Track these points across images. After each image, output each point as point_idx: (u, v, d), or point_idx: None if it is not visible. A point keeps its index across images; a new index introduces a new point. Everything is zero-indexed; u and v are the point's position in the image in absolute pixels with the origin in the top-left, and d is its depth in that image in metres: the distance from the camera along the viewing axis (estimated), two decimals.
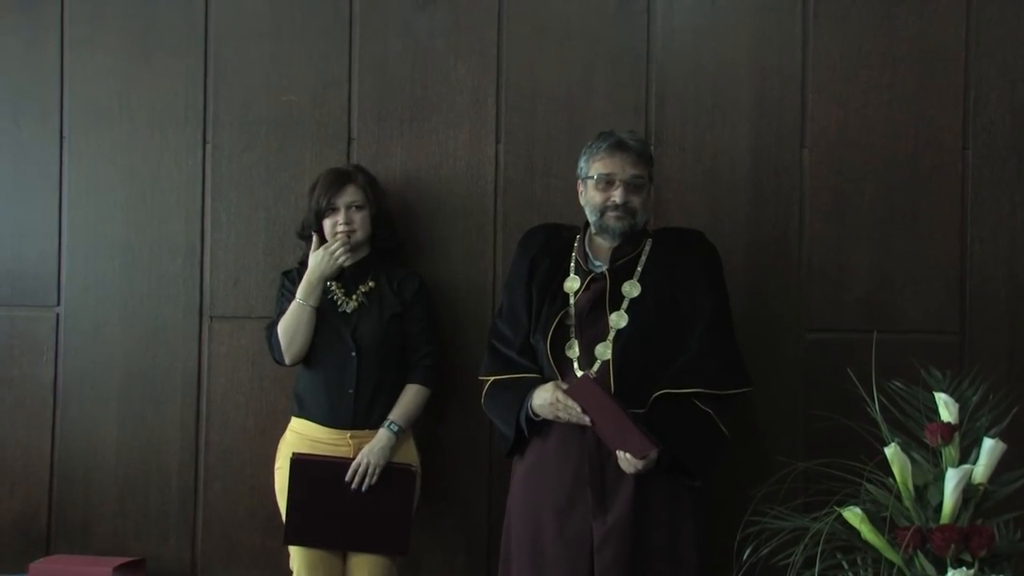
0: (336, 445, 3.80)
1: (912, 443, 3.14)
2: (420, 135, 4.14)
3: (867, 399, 3.17)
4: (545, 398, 3.45)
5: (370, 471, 3.73)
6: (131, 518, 4.25)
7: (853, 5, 4.00)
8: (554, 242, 3.67)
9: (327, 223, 3.87)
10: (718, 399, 3.44)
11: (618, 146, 3.56)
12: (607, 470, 3.44)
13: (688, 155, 4.04)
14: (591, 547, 3.43)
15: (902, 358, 3.59)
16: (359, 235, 3.87)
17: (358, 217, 3.87)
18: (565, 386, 3.45)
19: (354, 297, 3.87)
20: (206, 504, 4.21)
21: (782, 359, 3.96)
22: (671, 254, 3.59)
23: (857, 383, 3.20)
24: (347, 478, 3.73)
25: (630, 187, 3.54)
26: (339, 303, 3.87)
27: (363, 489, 3.73)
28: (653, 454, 3.36)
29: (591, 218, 3.60)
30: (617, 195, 3.53)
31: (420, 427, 3.93)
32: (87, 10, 4.31)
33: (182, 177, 4.26)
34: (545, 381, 3.51)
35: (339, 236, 3.85)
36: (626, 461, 3.39)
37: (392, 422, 3.79)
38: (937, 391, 3.14)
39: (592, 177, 3.57)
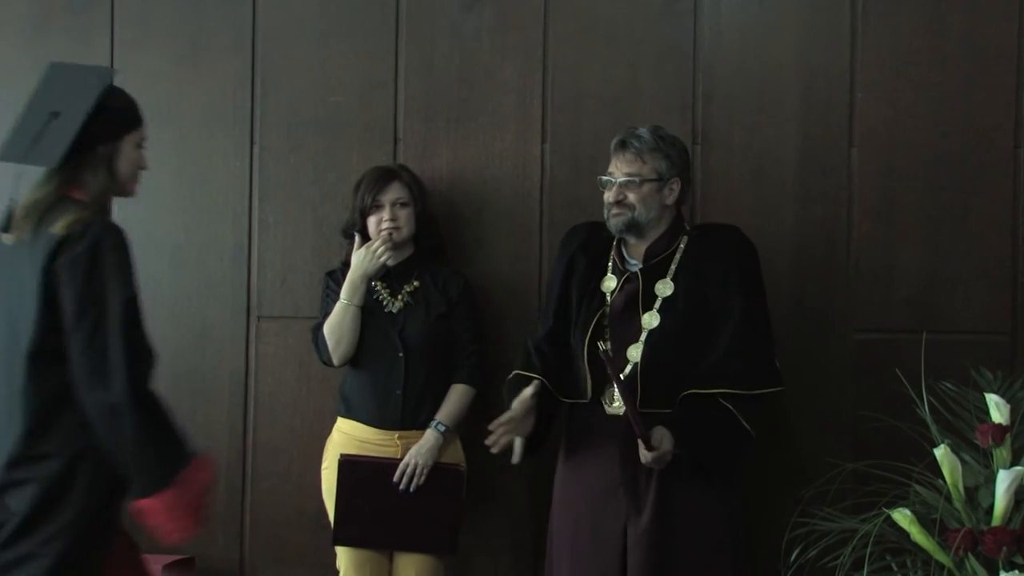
0: (383, 446, 3.81)
1: (962, 444, 3.13)
2: (466, 135, 4.15)
3: (916, 400, 3.16)
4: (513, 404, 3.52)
5: (418, 471, 3.75)
6: None
7: (902, 3, 3.97)
8: (594, 241, 3.67)
9: (371, 220, 3.88)
10: (744, 398, 3.40)
11: (619, 146, 3.59)
12: (640, 471, 3.43)
13: (735, 155, 4.02)
14: (624, 547, 3.44)
15: (952, 359, 3.56)
16: (404, 232, 3.87)
17: (403, 214, 3.87)
18: (529, 393, 3.49)
19: (399, 297, 3.88)
20: (254, 503, 4.24)
21: (830, 360, 3.94)
22: (705, 251, 3.57)
23: (906, 384, 3.19)
24: (395, 479, 3.74)
25: (622, 186, 3.54)
26: (385, 303, 3.88)
27: (411, 489, 3.74)
28: (667, 444, 3.32)
29: (604, 217, 3.62)
30: (611, 195, 3.55)
31: (465, 427, 3.93)
32: (136, 13, 4.35)
33: (230, 178, 4.29)
34: (576, 390, 3.52)
35: (383, 233, 3.85)
36: (644, 454, 3.36)
37: (439, 422, 3.80)
38: (988, 392, 3.14)
39: (601, 179, 3.62)
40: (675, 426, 3.37)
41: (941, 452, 3.03)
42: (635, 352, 3.49)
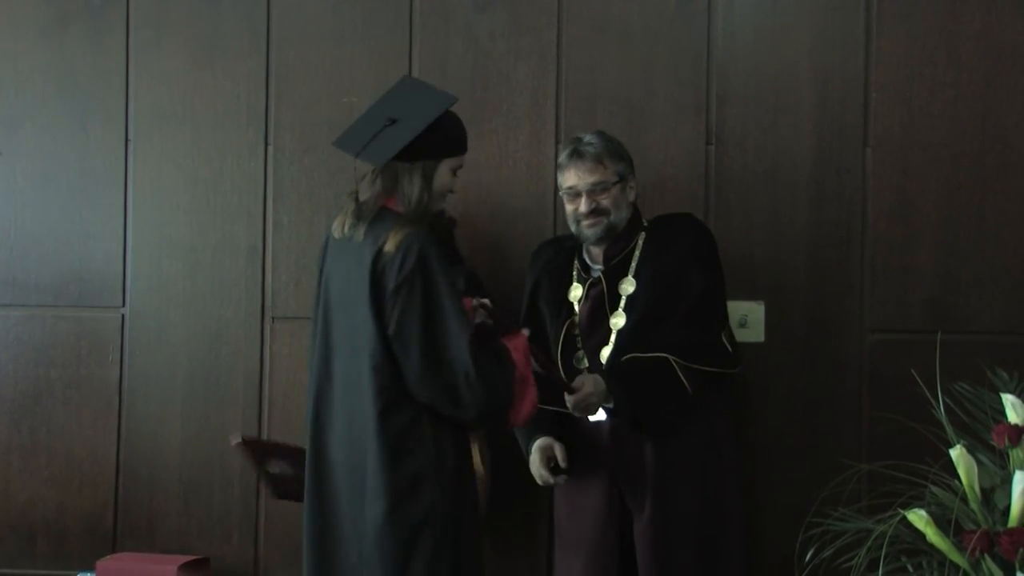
0: None
1: (978, 445, 3.12)
2: (480, 136, 4.12)
3: (932, 400, 3.16)
4: (532, 461, 3.55)
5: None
6: (195, 517, 4.29)
7: (917, 3, 3.98)
8: (558, 256, 3.70)
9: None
10: (684, 367, 3.40)
11: (574, 155, 3.57)
12: (633, 469, 3.47)
13: (749, 155, 4.03)
14: (631, 546, 3.48)
15: (968, 359, 3.55)
16: None
17: None
18: (556, 450, 3.51)
19: None
20: (268, 504, 4.24)
21: (845, 360, 3.94)
22: (662, 243, 3.58)
23: (922, 384, 3.18)
24: None
25: (592, 193, 3.53)
26: None
27: None
28: (588, 387, 3.36)
29: (572, 229, 3.61)
30: (582, 205, 3.53)
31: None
32: (152, 15, 4.36)
33: (244, 179, 4.30)
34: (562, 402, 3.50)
35: None
36: (568, 399, 3.43)
37: None
38: (1004, 393, 3.12)
39: (561, 190, 3.61)
40: (607, 372, 3.40)
41: (957, 453, 3.02)
42: (607, 354, 3.50)
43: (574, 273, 3.65)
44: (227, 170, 4.30)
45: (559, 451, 3.52)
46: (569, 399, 3.38)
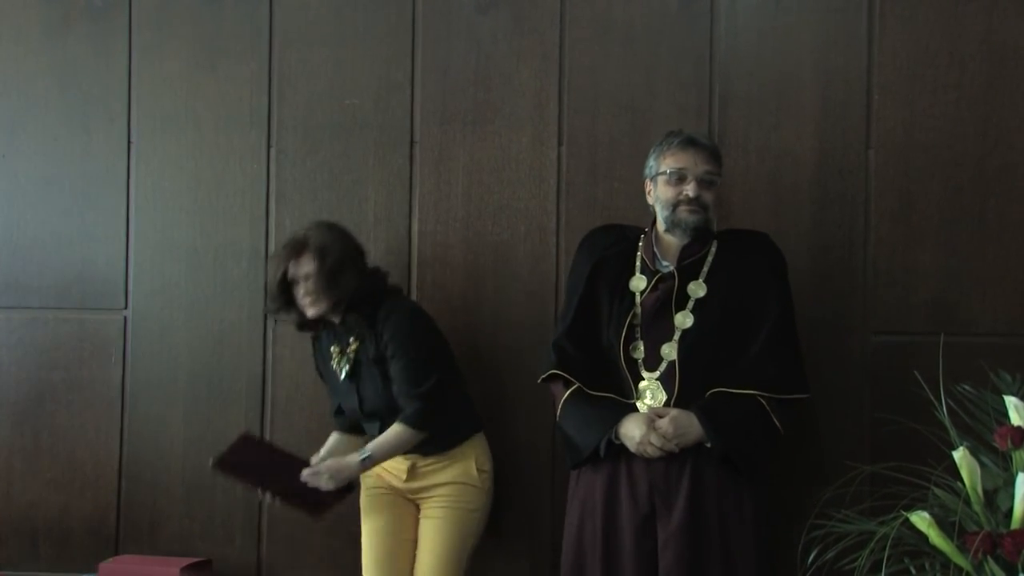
0: (391, 464, 3.79)
1: (981, 447, 3.12)
2: (483, 138, 4.16)
3: (934, 402, 3.16)
4: (635, 435, 3.43)
5: (320, 482, 3.66)
6: (197, 519, 4.29)
7: (920, 4, 3.97)
8: (620, 243, 3.67)
9: (297, 292, 3.77)
10: (773, 401, 3.44)
11: (690, 142, 3.57)
12: (671, 469, 3.44)
13: (752, 157, 4.03)
14: (655, 548, 3.44)
15: (970, 361, 3.54)
16: (323, 306, 3.75)
17: (315, 285, 3.72)
18: (658, 415, 3.43)
19: (344, 362, 3.81)
20: (271, 506, 4.23)
21: (848, 362, 3.94)
22: (738, 256, 3.59)
23: (924, 386, 3.18)
24: (302, 476, 3.68)
25: (703, 183, 3.54)
26: (340, 372, 3.82)
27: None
28: (669, 428, 3.38)
29: (662, 214, 3.58)
30: (690, 189, 3.53)
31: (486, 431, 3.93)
32: (154, 17, 4.37)
33: (247, 181, 4.30)
34: (617, 390, 3.51)
35: (309, 310, 3.77)
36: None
37: (366, 454, 3.69)
38: (1007, 394, 3.13)
39: (664, 173, 3.57)
40: (704, 414, 3.40)
41: (960, 455, 3.02)
42: (669, 350, 3.50)
43: (637, 264, 3.64)
44: (229, 172, 4.31)
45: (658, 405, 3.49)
46: (653, 435, 3.39)
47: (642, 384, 3.51)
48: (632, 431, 3.43)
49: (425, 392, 3.68)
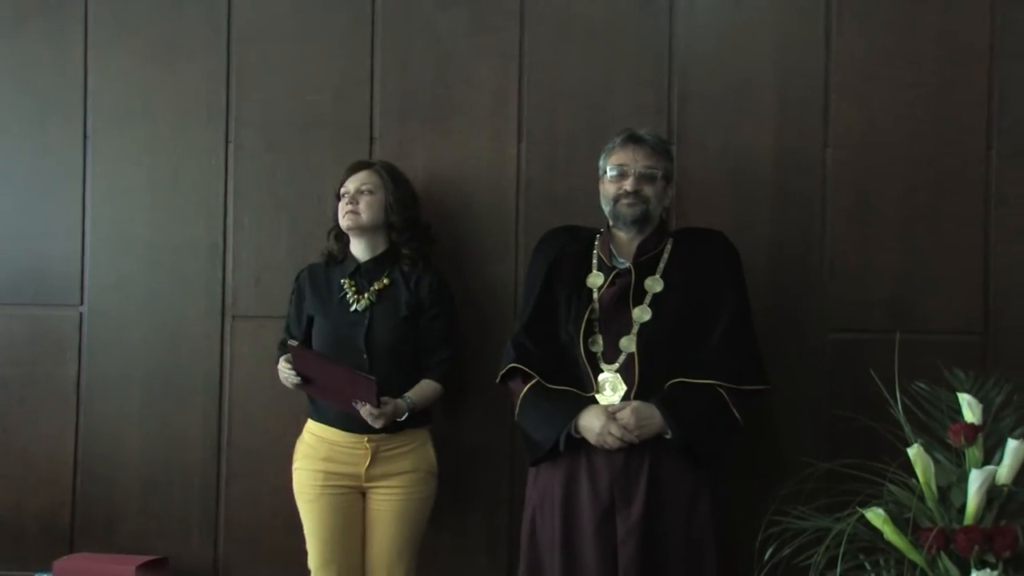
0: (353, 449, 3.79)
1: (935, 444, 3.15)
2: (442, 135, 4.16)
3: (890, 400, 3.18)
4: (594, 427, 3.45)
5: (375, 423, 3.67)
6: (154, 517, 4.27)
7: (877, 4, 4.00)
8: (575, 242, 3.71)
9: (340, 207, 3.87)
10: (733, 391, 3.48)
11: (631, 139, 3.63)
12: (629, 465, 3.46)
13: (710, 155, 4.04)
14: (615, 541, 3.45)
15: (925, 359, 3.57)
16: (363, 219, 3.85)
17: (365, 201, 3.85)
18: (615, 408, 3.46)
19: (366, 295, 3.86)
20: (228, 503, 4.23)
21: (805, 359, 3.96)
22: (693, 252, 3.64)
23: (880, 384, 3.21)
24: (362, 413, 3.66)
25: (642, 178, 3.59)
26: (351, 301, 3.85)
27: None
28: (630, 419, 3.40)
29: (606, 209, 3.65)
30: (628, 183, 3.59)
31: (439, 427, 3.94)
32: (111, 12, 4.35)
33: (205, 177, 4.29)
34: (576, 384, 3.53)
35: (343, 219, 3.84)
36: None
37: (410, 399, 3.75)
38: (960, 392, 3.16)
39: (608, 172, 3.63)
40: (666, 404, 3.43)
41: (914, 451, 3.05)
42: (627, 343, 3.53)
43: (594, 261, 3.67)
44: (187, 168, 4.29)
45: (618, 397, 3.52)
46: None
47: (601, 377, 3.54)
48: (591, 423, 3.45)
49: (455, 355, 3.90)
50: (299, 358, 3.71)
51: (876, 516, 2.99)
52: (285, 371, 3.74)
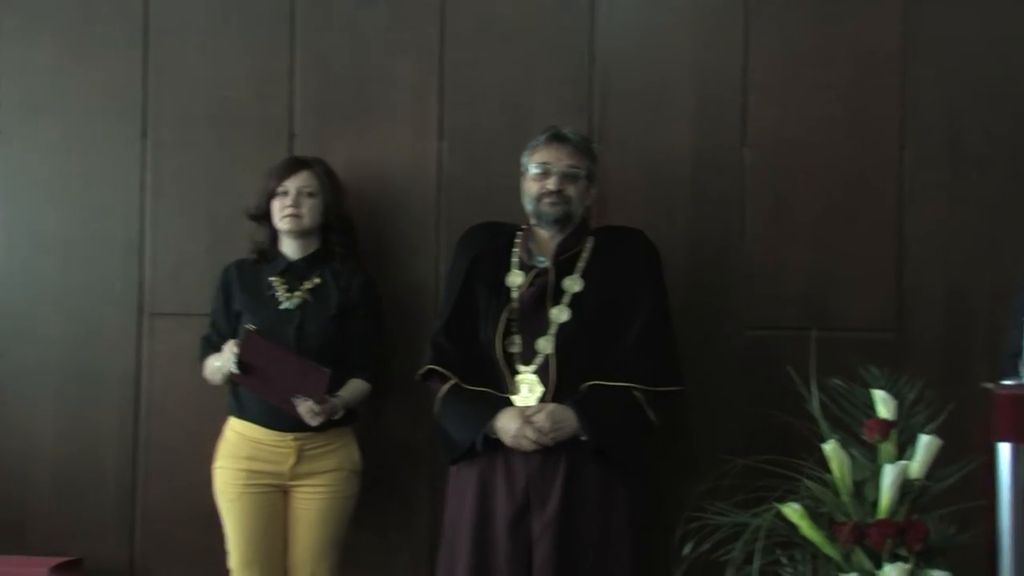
0: (278, 447, 3.78)
1: (850, 440, 3.18)
2: (362, 132, 4.15)
3: (806, 396, 3.22)
4: (510, 429, 3.47)
5: (311, 420, 3.67)
6: (68, 517, 4.21)
7: (792, 7, 4.05)
8: (496, 239, 3.72)
9: (275, 205, 3.86)
10: (648, 392, 3.51)
11: (555, 138, 3.66)
12: (546, 465, 3.48)
13: (630, 153, 4.07)
14: (529, 539, 3.48)
15: (841, 356, 3.58)
16: (305, 222, 3.85)
17: (307, 203, 3.85)
18: (532, 411, 3.48)
19: (297, 293, 3.85)
20: (145, 502, 4.19)
21: (723, 356, 4.00)
22: (613, 251, 3.66)
23: (797, 380, 3.24)
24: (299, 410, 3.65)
25: (565, 177, 3.61)
26: (281, 300, 3.84)
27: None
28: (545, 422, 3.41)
29: (528, 208, 3.67)
30: (551, 183, 3.61)
31: (361, 425, 3.93)
32: (21, 3, 4.28)
33: (120, 173, 4.24)
34: (494, 384, 3.55)
35: (284, 220, 3.83)
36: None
37: (340, 395, 3.76)
38: (875, 388, 3.20)
39: (531, 170, 3.64)
40: (580, 409, 3.46)
41: (830, 447, 3.09)
42: (545, 344, 3.55)
43: (514, 260, 3.67)
44: (102, 164, 4.25)
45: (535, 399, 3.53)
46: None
47: (518, 378, 3.56)
48: (507, 425, 3.47)
49: (384, 354, 3.92)
50: (251, 343, 3.65)
51: (792, 511, 3.03)
52: (228, 356, 3.68)
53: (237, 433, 3.83)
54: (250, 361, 3.66)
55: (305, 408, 3.63)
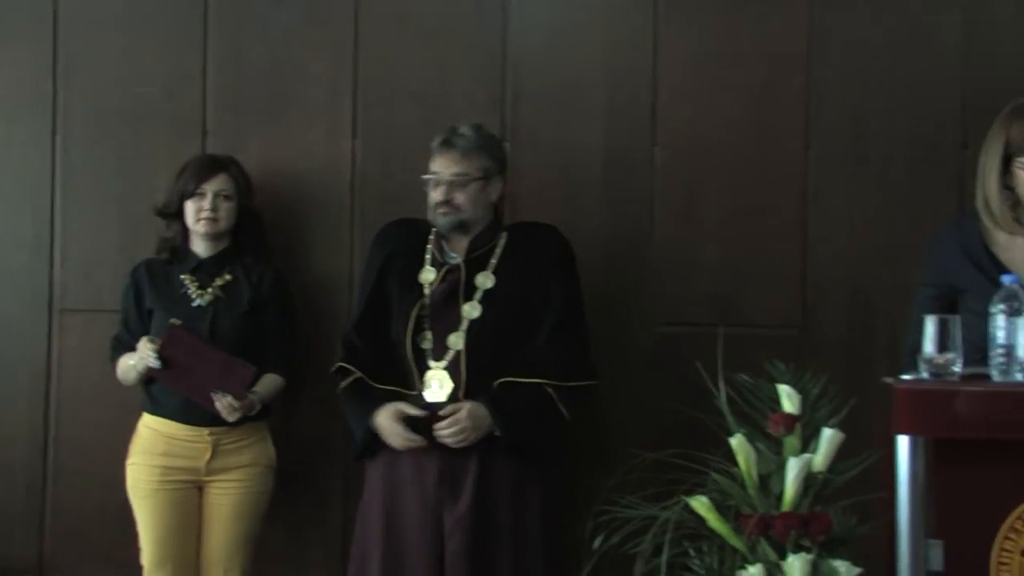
0: (193, 442, 3.79)
1: (756, 433, 3.20)
2: (276, 129, 4.15)
3: (714, 391, 3.25)
4: (384, 427, 3.52)
5: (228, 415, 3.70)
6: None
7: (701, 9, 4.09)
8: (410, 236, 3.73)
9: (190, 206, 3.85)
10: (560, 389, 3.55)
11: (442, 145, 3.66)
12: (457, 460, 3.52)
13: (543, 152, 4.10)
14: (441, 535, 3.51)
15: (748, 352, 3.60)
16: (221, 225, 3.86)
17: (224, 207, 3.85)
18: (412, 411, 3.51)
19: (209, 290, 3.85)
20: (55, 499, 4.16)
21: (634, 352, 4.04)
22: (525, 247, 3.68)
23: (705, 375, 3.26)
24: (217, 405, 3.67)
25: (452, 186, 3.62)
26: (193, 297, 3.84)
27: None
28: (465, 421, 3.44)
29: (429, 216, 3.69)
30: (438, 193, 3.62)
31: (276, 421, 3.93)
32: None
33: (30, 169, 4.21)
34: (403, 381, 3.58)
35: (200, 222, 3.83)
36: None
37: (256, 391, 3.76)
38: (780, 383, 3.20)
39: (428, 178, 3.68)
40: (493, 405, 3.49)
41: (736, 441, 3.10)
42: (456, 340, 3.58)
43: (427, 257, 3.69)
44: (11, 160, 4.21)
45: (409, 408, 3.54)
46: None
47: (429, 374, 3.58)
48: (382, 423, 3.52)
49: (296, 349, 3.94)
50: (175, 338, 3.66)
51: (700, 504, 3.04)
52: (146, 351, 3.68)
53: (151, 429, 3.83)
54: (171, 356, 3.66)
55: (224, 404, 3.64)
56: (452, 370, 3.57)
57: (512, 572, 3.53)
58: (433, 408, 3.53)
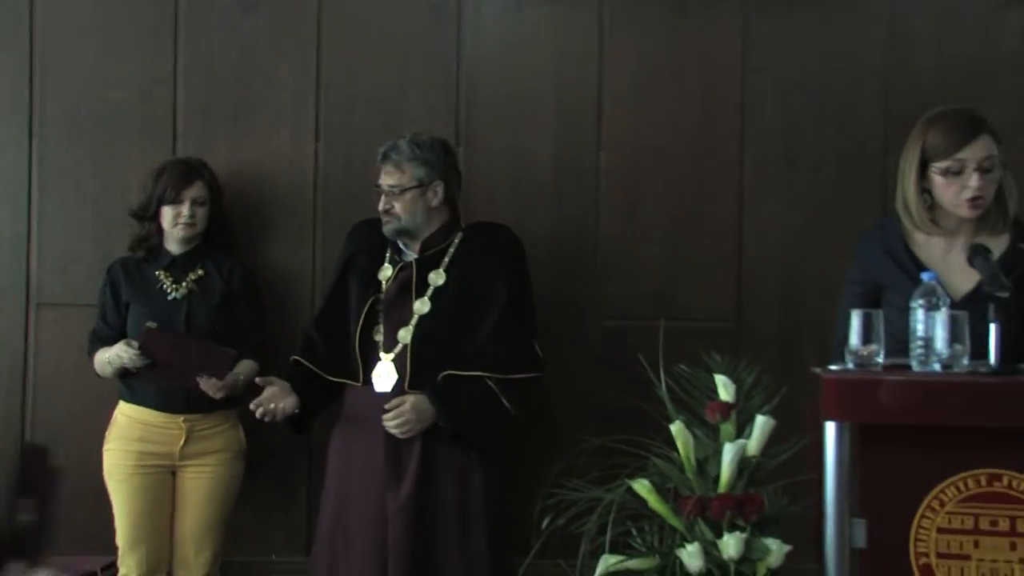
0: (168, 429, 3.92)
1: (695, 421, 3.24)
2: (243, 133, 4.23)
3: (655, 381, 3.29)
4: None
5: (215, 395, 3.84)
6: None
7: (644, 21, 4.21)
8: (375, 235, 3.83)
9: (167, 211, 3.95)
10: (503, 382, 3.65)
11: (383, 158, 3.78)
12: (402, 443, 3.63)
13: (495, 156, 4.21)
14: (386, 518, 3.62)
15: (687, 344, 3.59)
16: (198, 228, 3.98)
17: (200, 212, 3.97)
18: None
19: (183, 284, 3.98)
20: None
21: (581, 345, 4.15)
22: (477, 246, 3.78)
23: (647, 366, 3.31)
24: (202, 385, 3.82)
25: (390, 195, 3.73)
26: (168, 291, 3.96)
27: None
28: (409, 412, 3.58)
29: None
30: (381, 203, 3.74)
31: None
32: None
33: (8, 170, 4.27)
34: (353, 372, 3.72)
35: (177, 228, 3.95)
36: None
37: (238, 373, 3.89)
38: (717, 373, 3.28)
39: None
40: (436, 397, 3.60)
41: (676, 428, 3.19)
42: (404, 334, 3.69)
43: (387, 255, 3.80)
44: None
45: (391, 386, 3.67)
46: (386, 418, 3.60)
47: (379, 365, 3.70)
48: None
49: (264, 340, 4.04)
50: (152, 339, 3.79)
51: (642, 487, 3.12)
52: (128, 354, 3.81)
53: (127, 416, 3.94)
54: (153, 355, 3.80)
55: (210, 385, 3.78)
56: (398, 362, 3.67)
57: (455, 555, 3.62)
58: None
